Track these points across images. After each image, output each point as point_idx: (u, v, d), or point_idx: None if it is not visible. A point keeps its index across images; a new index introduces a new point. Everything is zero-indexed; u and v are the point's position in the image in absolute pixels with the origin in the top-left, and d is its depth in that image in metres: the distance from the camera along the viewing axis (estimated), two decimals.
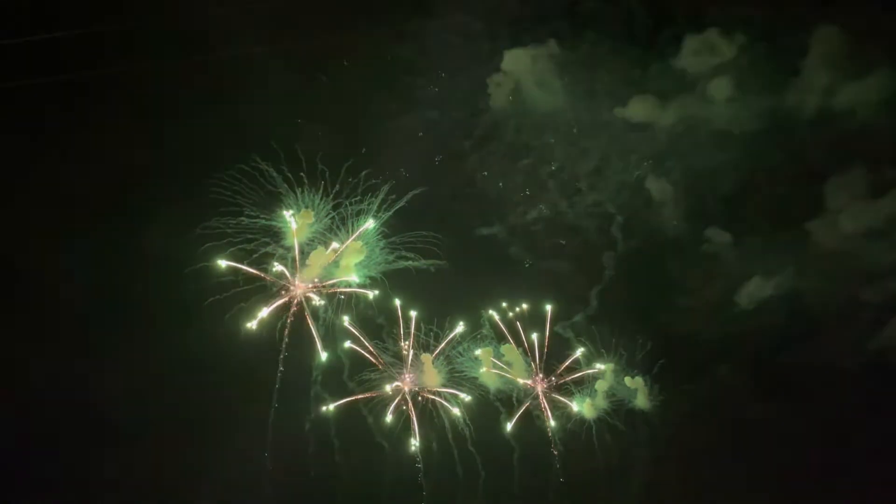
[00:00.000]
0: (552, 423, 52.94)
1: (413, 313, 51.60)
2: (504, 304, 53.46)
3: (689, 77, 53.65)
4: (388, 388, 50.85)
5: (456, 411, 50.88)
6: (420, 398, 51.28)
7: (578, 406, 53.16)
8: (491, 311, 53.18)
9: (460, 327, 52.23)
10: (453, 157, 54.00)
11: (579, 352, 53.51)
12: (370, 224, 49.58)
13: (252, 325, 47.91)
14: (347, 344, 50.11)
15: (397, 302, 51.20)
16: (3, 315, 47.27)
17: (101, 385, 46.82)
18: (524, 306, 53.55)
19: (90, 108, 50.33)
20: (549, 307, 53.39)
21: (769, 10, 51.62)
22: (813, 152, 52.38)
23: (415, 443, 50.51)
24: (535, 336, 53.40)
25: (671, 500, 52.49)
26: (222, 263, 47.48)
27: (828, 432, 50.38)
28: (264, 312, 48.32)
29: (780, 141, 52.96)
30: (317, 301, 49.69)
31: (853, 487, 49.29)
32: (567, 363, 53.72)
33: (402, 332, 51.36)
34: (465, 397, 51.28)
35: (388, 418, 50.36)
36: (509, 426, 52.23)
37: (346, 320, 50.04)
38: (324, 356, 49.41)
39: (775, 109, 52.72)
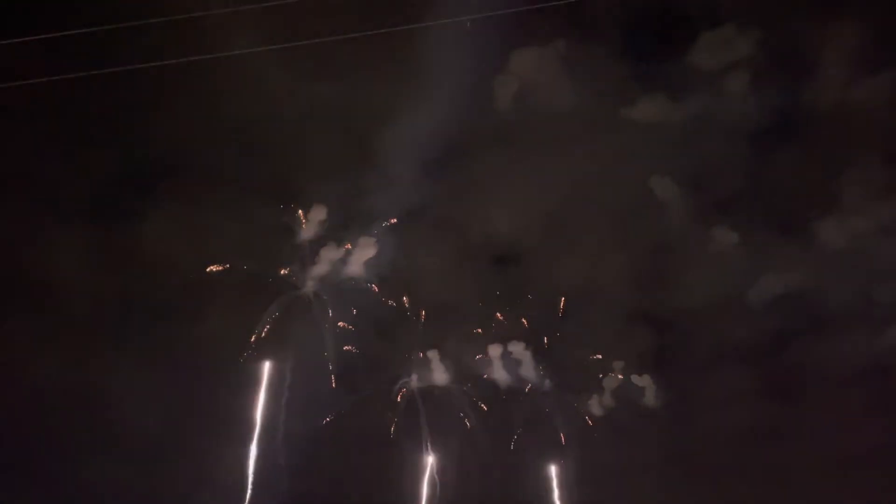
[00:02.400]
0: (559, 421, 53.07)
1: (422, 312, 51.64)
2: (508, 307, 53.46)
3: (697, 75, 53.87)
4: (396, 386, 51.06)
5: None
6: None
7: (585, 404, 53.32)
8: (497, 312, 53.14)
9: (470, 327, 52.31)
10: (459, 157, 53.94)
11: (598, 355, 53.66)
12: (391, 220, 49.72)
13: (263, 330, 47.87)
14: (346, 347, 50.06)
15: (405, 300, 51.23)
16: (4, 315, 46.74)
17: (103, 386, 46.28)
18: (529, 296, 53.71)
19: (91, 106, 49.68)
20: (562, 300, 53.48)
21: (782, 5, 52.07)
22: (823, 149, 52.82)
23: (425, 442, 50.60)
24: (543, 335, 53.44)
25: (677, 499, 52.50)
26: (228, 263, 47.40)
27: (837, 431, 50.53)
28: (274, 310, 48.26)
29: (789, 138, 53.49)
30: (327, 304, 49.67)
31: (859, 488, 49.45)
32: (576, 363, 53.84)
33: (409, 330, 51.55)
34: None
35: (396, 417, 50.50)
36: (517, 425, 52.28)
37: (346, 318, 50.11)
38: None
39: (785, 106, 53.08)
